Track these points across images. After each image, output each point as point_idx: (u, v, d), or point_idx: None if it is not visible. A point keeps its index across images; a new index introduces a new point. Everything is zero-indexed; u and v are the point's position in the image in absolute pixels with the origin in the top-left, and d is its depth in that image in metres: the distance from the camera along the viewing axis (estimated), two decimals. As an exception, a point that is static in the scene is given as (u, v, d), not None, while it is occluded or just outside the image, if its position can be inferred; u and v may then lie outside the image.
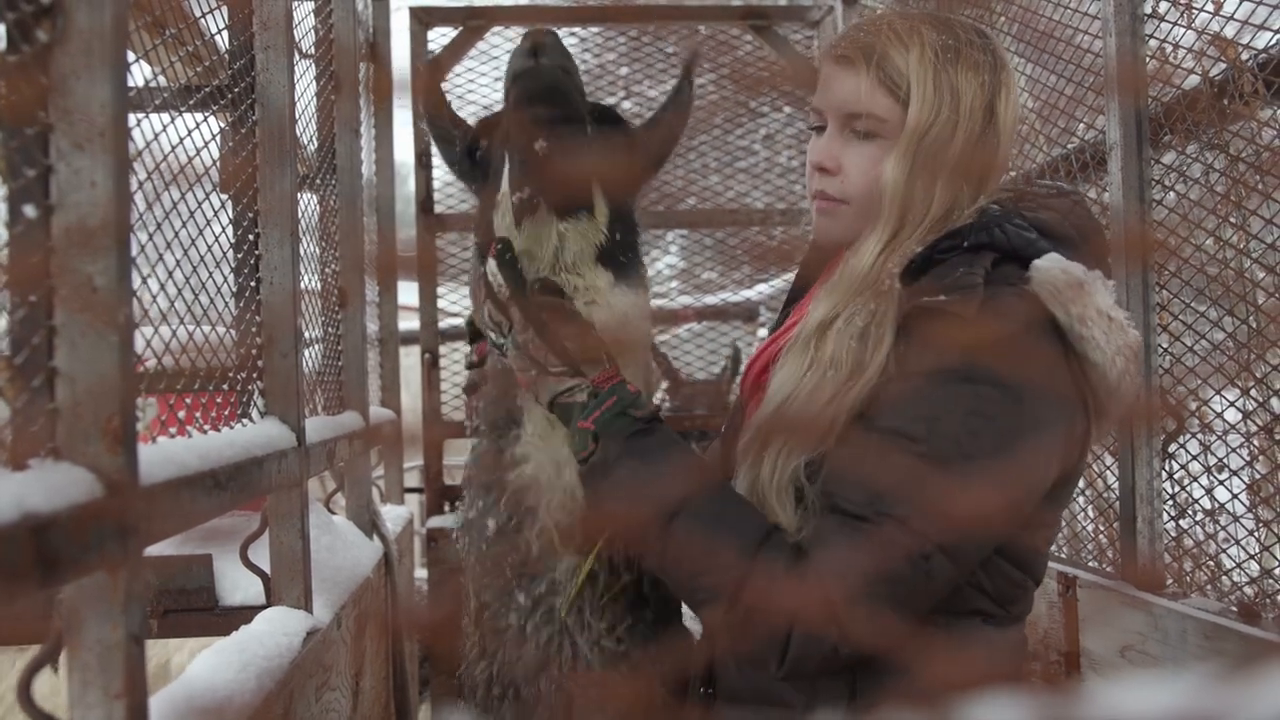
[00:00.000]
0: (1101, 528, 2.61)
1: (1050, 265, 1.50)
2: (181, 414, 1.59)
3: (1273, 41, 1.97)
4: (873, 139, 1.61)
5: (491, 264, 1.67)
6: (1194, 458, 2.22)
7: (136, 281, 1.20)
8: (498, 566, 1.77)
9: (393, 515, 3.47)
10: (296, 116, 2.07)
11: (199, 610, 2.17)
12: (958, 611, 1.55)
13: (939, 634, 1.52)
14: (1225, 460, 2.16)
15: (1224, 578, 2.16)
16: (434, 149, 4.20)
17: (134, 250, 1.14)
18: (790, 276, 1.99)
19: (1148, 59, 2.27)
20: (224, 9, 1.89)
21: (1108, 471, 2.52)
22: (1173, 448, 2.26)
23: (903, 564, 1.42)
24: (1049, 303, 1.49)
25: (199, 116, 1.70)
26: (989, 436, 1.44)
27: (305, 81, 2.56)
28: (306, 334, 2.25)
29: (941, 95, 1.57)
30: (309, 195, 2.63)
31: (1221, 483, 2.16)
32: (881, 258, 1.57)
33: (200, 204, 1.66)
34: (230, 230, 1.88)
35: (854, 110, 1.61)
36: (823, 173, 1.65)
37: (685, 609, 1.85)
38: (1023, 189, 1.64)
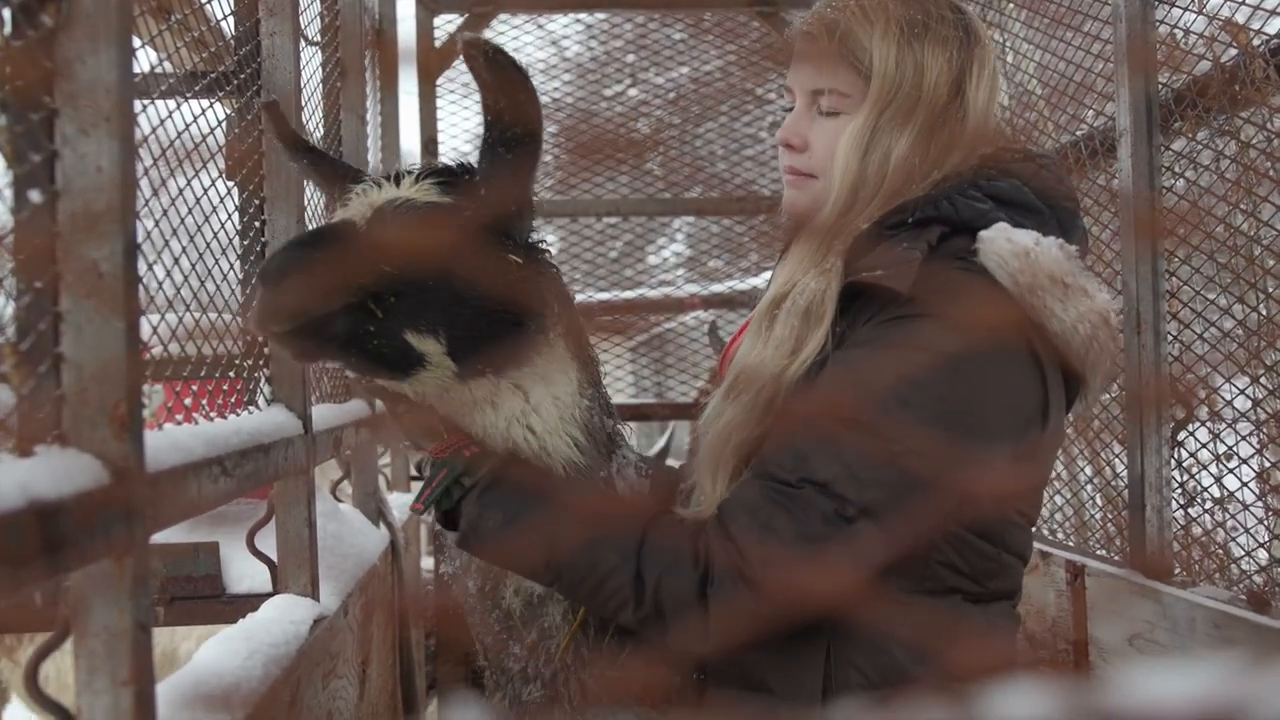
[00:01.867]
0: (1110, 516, 2.61)
1: (995, 235, 1.47)
2: (188, 401, 1.58)
3: (1285, 27, 1.96)
4: (837, 115, 1.59)
5: None
6: (1203, 446, 2.22)
7: (142, 267, 1.20)
8: (485, 624, 1.75)
9: (400, 503, 3.47)
10: (303, 103, 2.07)
11: (206, 598, 2.17)
12: (936, 591, 1.52)
13: (920, 614, 1.49)
14: (1234, 448, 2.15)
15: (1233, 566, 2.15)
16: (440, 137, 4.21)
17: (140, 236, 1.14)
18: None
19: (1158, 45, 2.26)
20: (230, -5, 1.88)
21: (1116, 460, 2.51)
22: (1182, 436, 2.25)
23: (822, 526, 1.40)
24: (996, 273, 1.45)
25: (205, 102, 1.69)
26: (922, 402, 1.41)
27: (311, 68, 2.56)
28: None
29: (904, 70, 1.55)
30: (315, 182, 2.62)
31: (1231, 471, 2.15)
32: (830, 233, 1.55)
33: (207, 190, 1.66)
34: (237, 216, 1.87)
35: (818, 86, 1.61)
36: (790, 149, 1.64)
37: None
38: (988, 156, 1.59)
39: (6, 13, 1.01)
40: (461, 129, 4.42)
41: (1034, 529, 1.67)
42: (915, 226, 1.50)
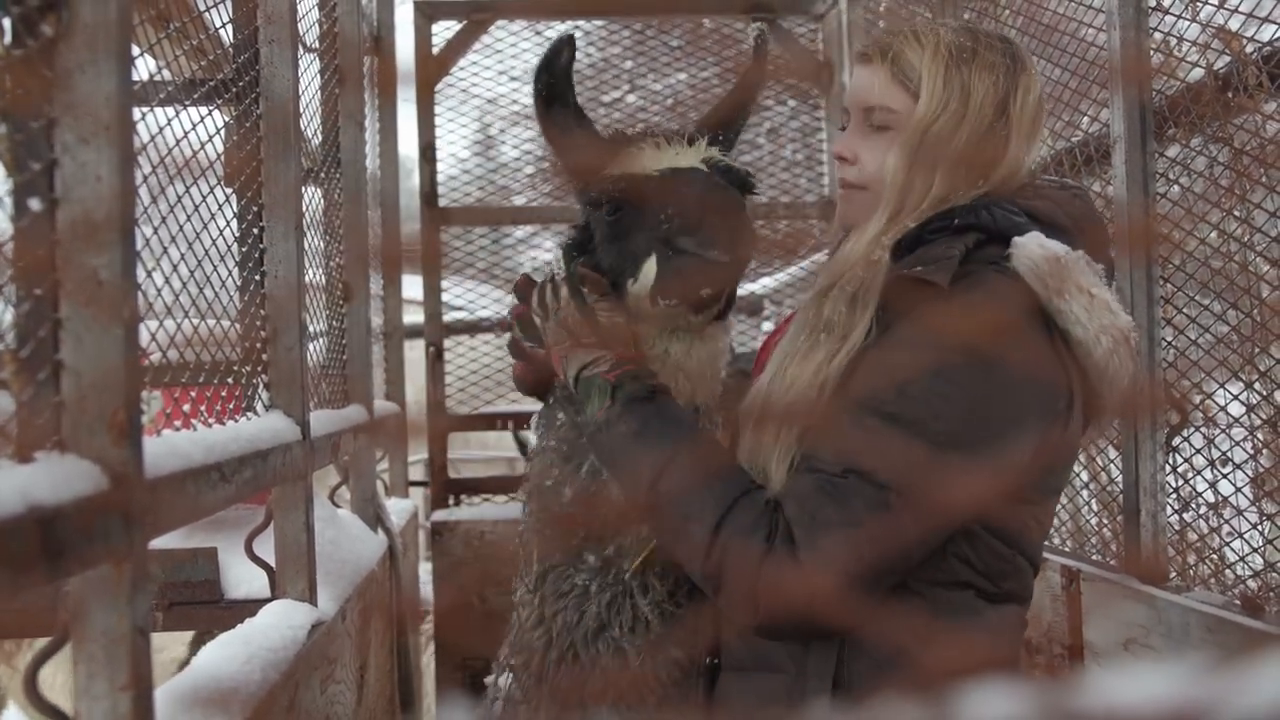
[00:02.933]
0: (1105, 521, 2.61)
1: (1028, 241, 1.56)
2: (186, 407, 1.59)
3: (1277, 34, 1.96)
4: (886, 131, 1.69)
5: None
6: (1198, 451, 2.22)
7: (141, 275, 1.21)
8: (569, 530, 1.82)
9: (397, 509, 3.48)
10: (301, 110, 2.08)
11: (204, 603, 2.18)
12: (946, 583, 1.59)
13: (929, 605, 1.57)
14: (1229, 454, 2.16)
15: (1227, 571, 2.16)
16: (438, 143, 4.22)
17: (139, 243, 1.15)
18: (794, 270, 2.05)
19: (1152, 52, 2.27)
20: (228, 2, 1.89)
21: (1111, 465, 2.52)
22: (1176, 441, 2.26)
23: (865, 513, 1.47)
24: (1026, 278, 1.54)
25: (203, 110, 1.70)
26: (956, 401, 1.49)
27: (310, 75, 2.57)
28: (311, 327, 2.25)
29: (951, 90, 1.65)
30: (313, 189, 2.63)
31: (1225, 476, 2.16)
32: (877, 237, 1.66)
33: (205, 197, 1.67)
34: (235, 224, 1.88)
35: (869, 103, 1.71)
36: (842, 162, 1.75)
37: None
38: (1026, 181, 1.70)
39: (6, 22, 1.02)
40: (459, 135, 4.43)
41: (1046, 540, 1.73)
42: (955, 232, 1.59)
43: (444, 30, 4.30)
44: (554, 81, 1.73)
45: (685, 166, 1.69)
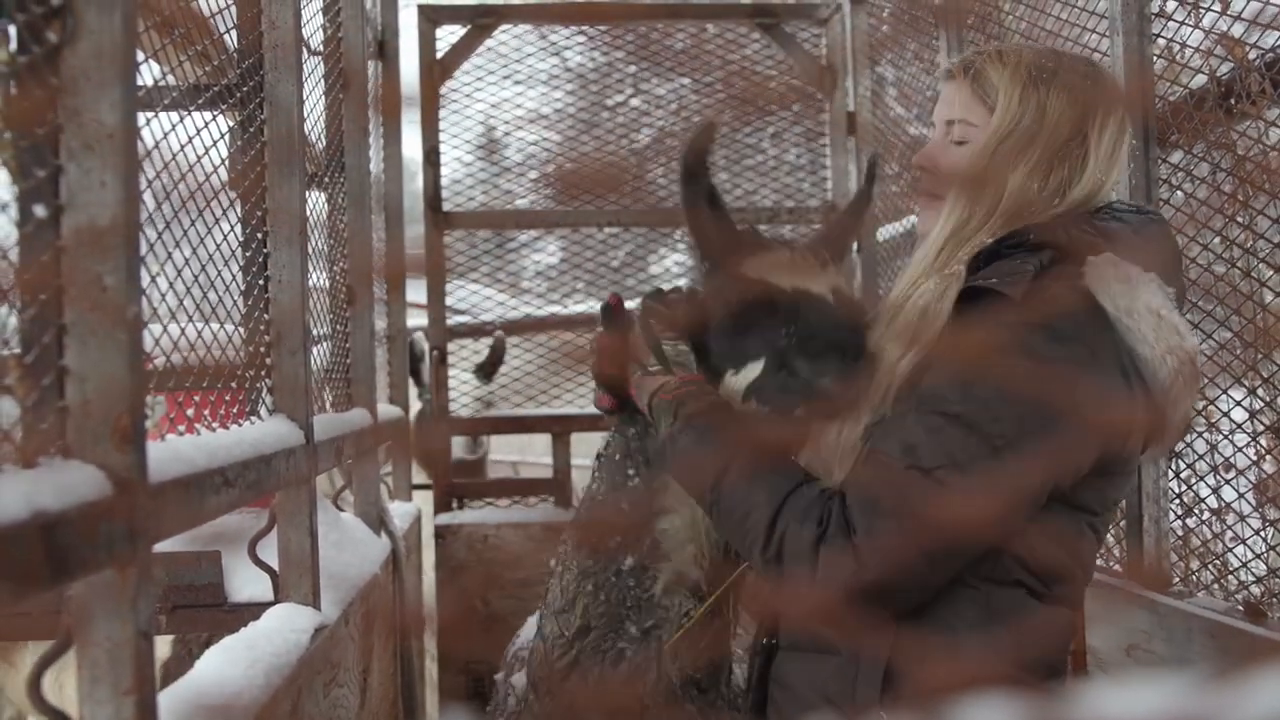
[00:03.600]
0: (1109, 527, 2.61)
1: (1103, 262, 1.60)
2: (190, 412, 1.59)
3: (1279, 41, 1.97)
4: (964, 143, 1.75)
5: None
6: (1200, 457, 2.22)
7: (145, 280, 1.21)
8: (620, 599, 1.91)
9: (401, 512, 3.48)
10: (305, 115, 2.08)
11: (208, 606, 2.18)
12: (1001, 580, 1.62)
13: (981, 598, 1.61)
14: (1232, 459, 2.16)
15: (1230, 577, 2.15)
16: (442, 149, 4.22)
17: (143, 248, 1.15)
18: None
19: (1155, 58, 2.27)
20: (232, 8, 1.89)
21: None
22: (1179, 447, 2.26)
23: (923, 507, 1.52)
24: (1098, 294, 1.57)
25: (208, 115, 1.70)
26: (1019, 405, 1.52)
27: (314, 80, 2.57)
28: (315, 332, 2.26)
29: (1026, 106, 1.69)
30: (317, 193, 2.63)
31: (1228, 482, 2.16)
32: (951, 243, 1.70)
33: (209, 202, 1.67)
34: (239, 228, 1.88)
35: (950, 117, 1.77)
36: (922, 171, 1.81)
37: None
38: (1107, 205, 1.73)
39: (12, 30, 1.03)
40: (463, 139, 4.44)
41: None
42: (1030, 249, 1.63)
43: (448, 35, 4.31)
44: (693, 162, 1.80)
45: (816, 292, 1.73)
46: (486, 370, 4.33)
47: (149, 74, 1.47)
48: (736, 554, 1.80)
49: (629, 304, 1.96)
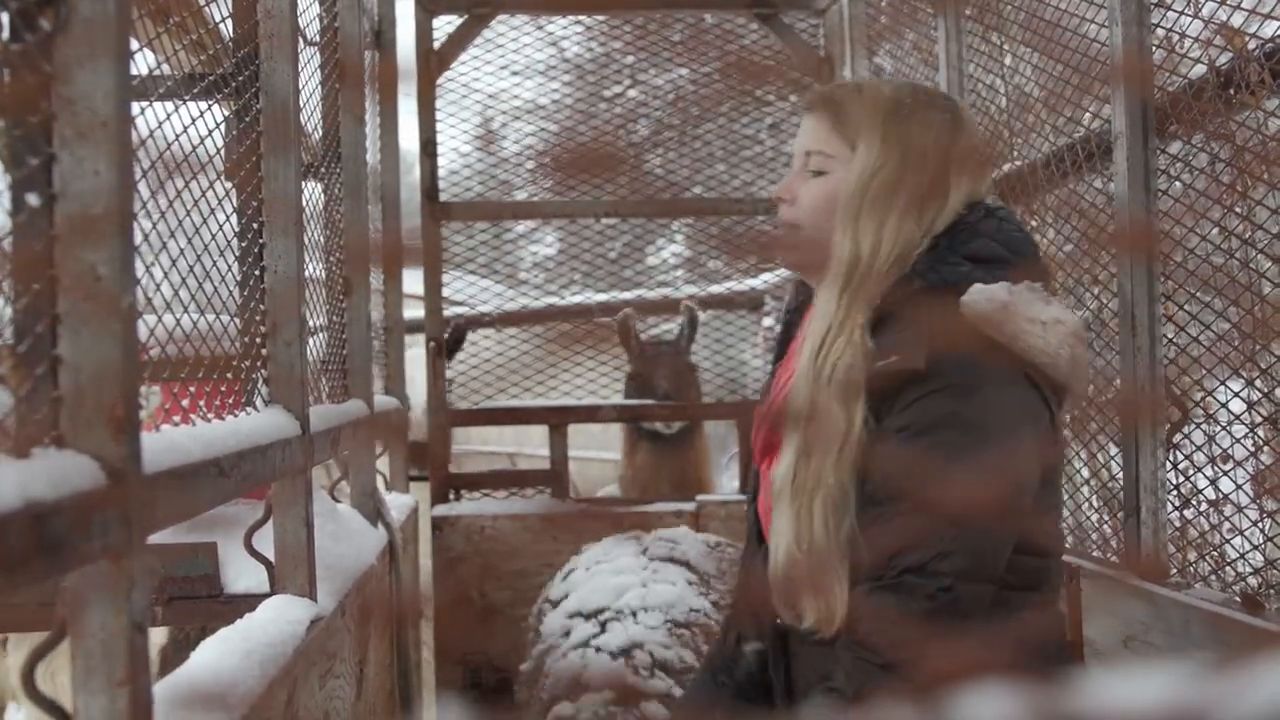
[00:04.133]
0: (1105, 518, 2.61)
1: (974, 299, 1.65)
2: (185, 402, 1.59)
3: (1279, 31, 1.96)
4: (822, 174, 1.79)
5: None
6: (1198, 448, 2.22)
7: (140, 270, 1.20)
8: None
9: (398, 503, 3.48)
10: (301, 105, 2.07)
11: (204, 597, 2.18)
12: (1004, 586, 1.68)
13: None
14: (1230, 451, 2.16)
15: (1228, 568, 2.16)
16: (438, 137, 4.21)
17: (137, 238, 1.15)
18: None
19: (1154, 48, 2.26)
20: (228, -3, 1.89)
21: (1112, 461, 2.52)
22: (1177, 438, 2.25)
23: (928, 604, 1.59)
24: (984, 329, 1.64)
25: (203, 105, 1.70)
26: (971, 465, 1.61)
27: (310, 69, 2.56)
28: (311, 322, 2.25)
29: (890, 145, 1.74)
30: (313, 183, 2.63)
31: (1226, 473, 2.16)
32: (846, 299, 1.73)
33: (204, 192, 1.66)
34: (234, 218, 1.88)
35: (809, 148, 1.81)
36: (780, 202, 1.85)
37: None
38: (958, 216, 1.78)
39: (5, 17, 1.02)
40: (460, 130, 4.43)
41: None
42: (913, 295, 1.69)
43: (445, 25, 4.29)
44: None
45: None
46: (447, 352, 4.34)
47: (143, 63, 1.47)
48: None
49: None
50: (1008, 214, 1.83)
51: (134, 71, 1.14)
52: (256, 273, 1.89)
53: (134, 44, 1.17)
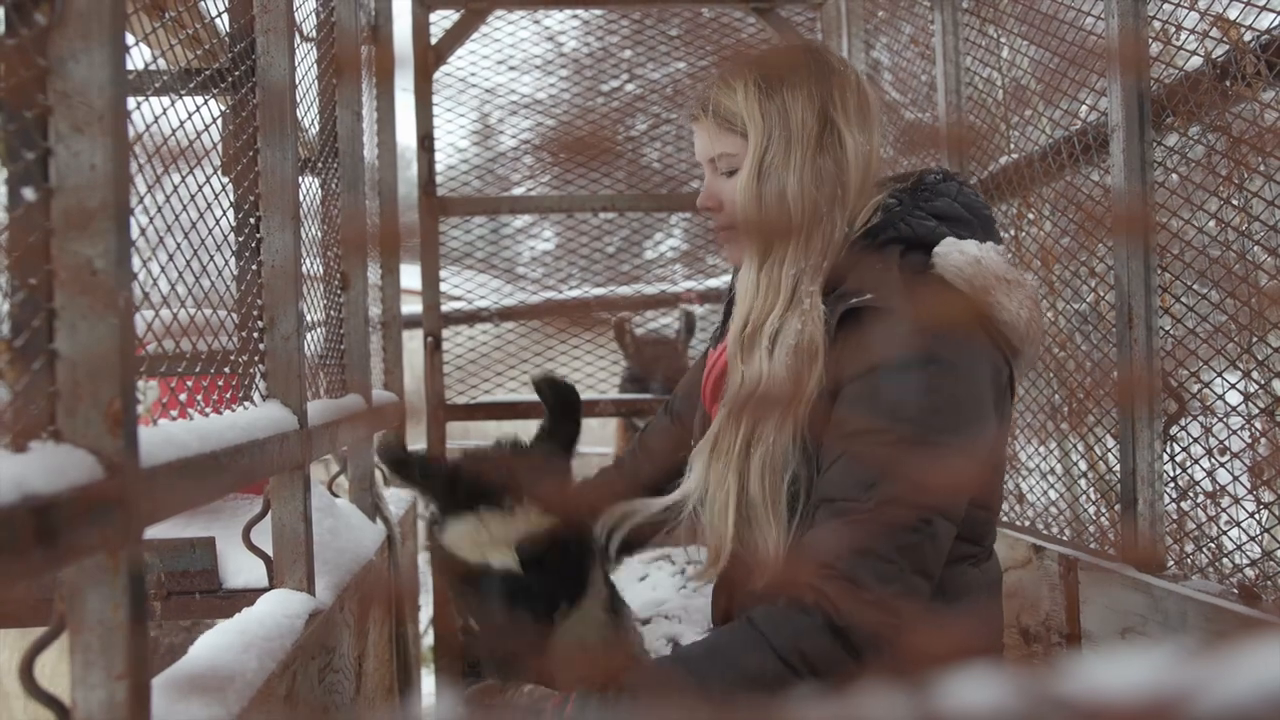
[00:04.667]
0: (1103, 510, 2.62)
1: (948, 250, 1.77)
2: (183, 397, 1.59)
3: (1275, 23, 1.96)
4: (734, 173, 1.86)
5: None
6: (1195, 440, 2.23)
7: (137, 264, 1.21)
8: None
9: (396, 498, 3.48)
10: (298, 99, 2.07)
11: (202, 592, 2.18)
12: (949, 561, 1.73)
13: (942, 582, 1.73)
14: (1227, 443, 2.16)
15: (1225, 560, 2.16)
16: (436, 131, 4.22)
17: (134, 233, 1.15)
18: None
19: (1150, 40, 2.26)
20: (224, -9, 1.89)
21: (1109, 454, 2.52)
22: (1174, 430, 2.26)
23: (908, 534, 1.61)
24: (954, 281, 1.75)
25: (199, 100, 1.70)
26: (944, 409, 1.67)
27: (307, 65, 2.56)
28: (308, 317, 2.25)
29: (770, 118, 1.80)
30: (310, 178, 2.63)
31: (1223, 465, 2.16)
32: (771, 268, 1.79)
33: (201, 187, 1.66)
34: (231, 213, 1.88)
35: (711, 154, 1.88)
36: (709, 212, 1.92)
37: None
38: (916, 176, 1.89)
39: (0, 11, 1.02)
40: (457, 125, 4.43)
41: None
42: (878, 248, 1.79)
43: (442, 20, 4.29)
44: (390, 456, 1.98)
45: (496, 567, 1.82)
46: None
47: (139, 57, 1.47)
48: None
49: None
50: (966, 179, 1.94)
51: (130, 66, 1.14)
52: (254, 267, 1.89)
53: (130, 39, 1.17)
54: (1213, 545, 2.20)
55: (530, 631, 1.76)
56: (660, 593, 2.92)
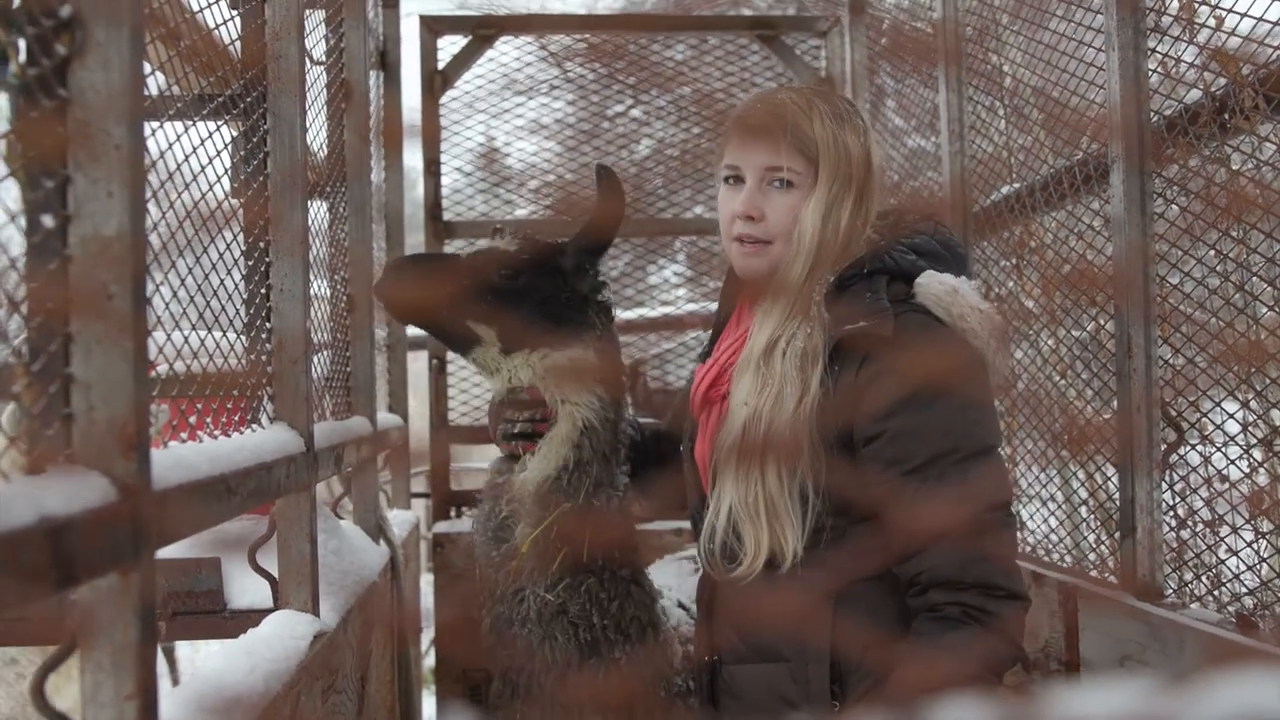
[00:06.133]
0: (1103, 538, 2.63)
1: (929, 281, 1.92)
2: (193, 419, 1.61)
3: (1273, 57, 1.98)
4: (789, 189, 1.95)
5: None
6: (1194, 469, 2.24)
7: (150, 288, 1.22)
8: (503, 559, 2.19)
9: (399, 520, 3.49)
10: (307, 125, 2.10)
11: (208, 613, 2.19)
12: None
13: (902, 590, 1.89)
14: (1225, 472, 2.17)
15: (1223, 588, 2.17)
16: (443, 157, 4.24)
17: (148, 257, 1.17)
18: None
19: (1150, 73, 2.29)
20: (237, 20, 1.91)
21: (1109, 482, 2.53)
22: (1173, 459, 2.27)
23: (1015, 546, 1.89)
24: (933, 309, 1.89)
25: (212, 125, 1.72)
26: (984, 417, 1.87)
27: (316, 89, 2.59)
28: (315, 340, 2.27)
29: (840, 153, 1.94)
30: (319, 202, 2.65)
31: (1221, 494, 2.17)
32: (806, 285, 1.93)
33: (213, 211, 1.68)
34: (242, 236, 1.90)
35: (774, 164, 1.95)
36: (747, 220, 1.97)
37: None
38: (897, 218, 2.02)
39: (22, 42, 1.04)
40: (464, 149, 4.46)
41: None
42: (866, 277, 1.92)
43: (449, 45, 4.33)
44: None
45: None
46: None
47: (154, 84, 1.49)
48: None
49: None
50: (941, 223, 2.07)
51: (145, 92, 1.16)
52: (263, 291, 1.91)
53: (146, 67, 1.19)
54: (1211, 574, 2.21)
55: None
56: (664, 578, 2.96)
